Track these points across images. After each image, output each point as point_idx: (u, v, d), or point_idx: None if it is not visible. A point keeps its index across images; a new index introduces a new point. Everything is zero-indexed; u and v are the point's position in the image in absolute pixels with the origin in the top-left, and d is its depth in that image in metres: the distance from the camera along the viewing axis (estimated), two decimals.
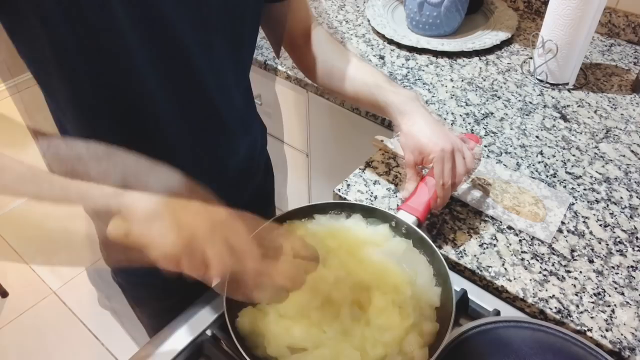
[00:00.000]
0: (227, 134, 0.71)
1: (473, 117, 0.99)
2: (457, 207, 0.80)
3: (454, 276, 0.64)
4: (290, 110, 1.30)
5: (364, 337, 0.56)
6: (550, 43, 1.02)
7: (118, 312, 1.79)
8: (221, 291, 0.58)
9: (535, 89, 1.06)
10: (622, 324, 0.64)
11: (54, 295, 1.91)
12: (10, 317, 1.83)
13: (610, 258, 0.72)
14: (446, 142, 0.66)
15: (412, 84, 1.09)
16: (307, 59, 0.80)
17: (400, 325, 0.56)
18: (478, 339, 0.59)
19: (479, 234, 0.75)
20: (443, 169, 0.66)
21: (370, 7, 1.32)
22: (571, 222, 0.77)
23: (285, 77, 1.19)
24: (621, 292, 0.67)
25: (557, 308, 0.66)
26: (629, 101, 1.03)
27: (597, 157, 0.89)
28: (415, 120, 0.68)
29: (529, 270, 0.70)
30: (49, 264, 2.01)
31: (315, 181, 1.46)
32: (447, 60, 1.16)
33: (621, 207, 0.80)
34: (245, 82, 0.74)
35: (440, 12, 1.17)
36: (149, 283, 0.80)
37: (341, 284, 0.60)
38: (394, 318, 0.57)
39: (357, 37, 1.25)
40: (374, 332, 0.56)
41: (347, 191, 0.83)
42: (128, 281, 0.81)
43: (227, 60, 0.64)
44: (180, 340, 0.64)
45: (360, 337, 0.56)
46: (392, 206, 0.80)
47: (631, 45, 1.20)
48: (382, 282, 0.61)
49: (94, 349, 1.74)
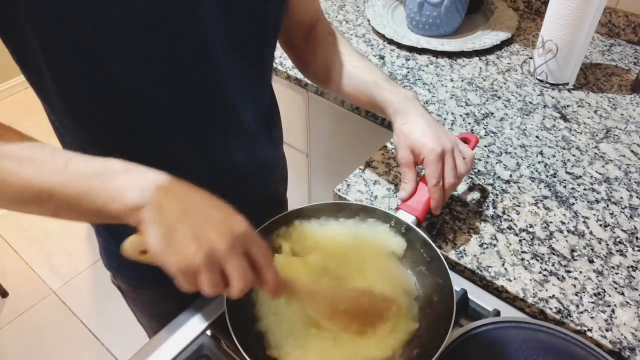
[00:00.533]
0: (246, 138, 0.70)
1: (473, 117, 0.99)
2: (457, 207, 0.80)
3: (454, 276, 0.63)
4: (290, 110, 1.30)
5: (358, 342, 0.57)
6: (550, 43, 1.02)
7: (118, 312, 1.79)
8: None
9: (535, 89, 1.06)
10: (622, 324, 0.64)
11: (54, 295, 1.91)
12: (10, 317, 1.83)
13: (610, 258, 0.72)
14: (439, 143, 0.65)
15: (412, 84, 1.09)
16: (307, 57, 0.79)
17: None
18: (478, 339, 0.59)
19: (479, 234, 0.75)
20: (435, 170, 0.65)
21: (370, 7, 1.32)
22: (571, 222, 0.77)
23: (285, 77, 1.19)
24: (621, 292, 0.67)
25: (557, 308, 0.66)
26: (629, 101, 1.03)
27: (597, 157, 0.89)
28: (411, 119, 0.67)
29: (529, 270, 0.70)
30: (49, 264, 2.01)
31: (315, 181, 1.46)
32: (447, 60, 1.16)
33: (621, 207, 0.80)
34: (268, 90, 0.74)
35: (440, 12, 1.17)
36: (149, 287, 0.79)
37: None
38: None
39: (357, 37, 1.25)
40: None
41: (347, 191, 0.83)
42: (128, 284, 0.80)
43: (248, 63, 0.64)
44: (180, 340, 0.64)
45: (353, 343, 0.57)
46: (392, 206, 0.80)
47: (631, 45, 1.20)
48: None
49: (94, 349, 1.74)
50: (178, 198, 0.45)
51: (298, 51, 0.80)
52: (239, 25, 0.59)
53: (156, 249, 0.44)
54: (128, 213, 0.45)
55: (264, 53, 0.67)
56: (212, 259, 0.43)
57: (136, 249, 0.46)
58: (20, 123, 2.67)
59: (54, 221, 2.17)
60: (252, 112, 0.68)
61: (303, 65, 0.82)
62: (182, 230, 0.43)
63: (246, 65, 0.64)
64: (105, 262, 0.79)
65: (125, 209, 0.44)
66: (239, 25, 0.59)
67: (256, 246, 0.46)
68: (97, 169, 0.46)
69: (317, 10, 0.79)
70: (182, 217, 0.44)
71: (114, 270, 0.79)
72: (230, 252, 0.44)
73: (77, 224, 2.14)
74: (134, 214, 0.44)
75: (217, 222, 0.45)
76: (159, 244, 0.43)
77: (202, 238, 0.43)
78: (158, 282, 0.79)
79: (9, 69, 2.65)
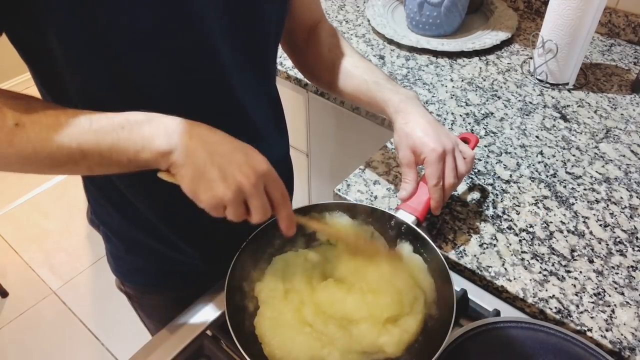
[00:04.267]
0: (254, 139, 0.70)
1: (473, 117, 0.99)
2: (457, 207, 0.80)
3: (454, 276, 0.63)
4: (290, 110, 1.30)
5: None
6: (550, 43, 1.02)
7: (118, 312, 1.79)
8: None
9: (535, 89, 1.06)
10: (622, 324, 0.64)
11: (54, 295, 1.91)
12: (10, 317, 1.83)
13: (610, 258, 0.72)
14: (440, 144, 0.65)
15: (412, 84, 1.09)
16: (308, 59, 0.79)
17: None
18: (478, 339, 0.59)
19: (479, 234, 0.75)
20: (436, 170, 0.65)
21: (370, 7, 1.32)
22: (571, 222, 0.77)
23: (285, 77, 1.19)
24: (621, 292, 0.67)
25: (557, 308, 0.66)
26: (629, 101, 1.03)
27: (597, 157, 0.89)
28: (412, 119, 0.67)
29: (529, 270, 0.70)
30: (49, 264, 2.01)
31: (315, 181, 1.46)
32: (447, 60, 1.16)
33: (621, 207, 0.80)
34: (272, 89, 0.74)
35: (440, 12, 1.17)
36: (157, 292, 0.79)
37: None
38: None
39: (357, 37, 1.25)
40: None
41: (347, 191, 0.83)
42: (136, 290, 0.80)
43: (252, 60, 0.64)
44: (180, 340, 0.64)
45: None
46: (392, 206, 0.80)
47: (631, 45, 1.20)
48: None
49: (94, 349, 1.74)
50: (202, 141, 0.49)
51: (299, 53, 0.80)
52: (241, 24, 0.59)
53: (188, 188, 0.49)
54: (159, 158, 0.48)
55: (266, 52, 0.67)
56: (238, 196, 0.49)
57: (169, 177, 0.51)
58: None
59: (54, 221, 2.17)
60: (259, 107, 0.69)
61: (304, 67, 0.82)
62: (211, 171, 0.48)
63: (250, 62, 0.64)
64: (113, 268, 0.79)
65: (156, 155, 0.48)
66: (241, 24, 0.59)
67: (275, 184, 0.52)
68: (121, 122, 0.48)
69: (319, 12, 0.79)
70: (209, 159, 0.49)
71: (122, 275, 0.79)
72: (253, 190, 0.50)
73: (77, 223, 2.14)
74: (164, 158, 0.48)
75: (240, 162, 0.50)
76: (191, 183, 0.49)
77: (229, 178, 0.49)
78: (166, 286, 0.79)
79: (9, 69, 2.65)
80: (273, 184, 0.52)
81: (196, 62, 0.57)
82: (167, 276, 0.77)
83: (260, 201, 0.51)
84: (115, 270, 0.79)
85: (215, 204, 0.49)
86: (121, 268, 0.77)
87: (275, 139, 0.77)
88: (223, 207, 0.50)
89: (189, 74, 0.57)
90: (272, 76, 0.72)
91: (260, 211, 0.51)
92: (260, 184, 0.50)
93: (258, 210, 0.51)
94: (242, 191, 0.49)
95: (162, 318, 0.80)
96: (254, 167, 0.50)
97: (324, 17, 0.79)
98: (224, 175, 0.49)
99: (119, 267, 0.78)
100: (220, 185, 0.49)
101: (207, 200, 0.49)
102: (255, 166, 0.50)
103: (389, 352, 0.56)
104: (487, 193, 0.82)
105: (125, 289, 0.81)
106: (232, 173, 0.49)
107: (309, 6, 0.76)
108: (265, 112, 0.72)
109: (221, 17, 0.56)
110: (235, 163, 0.50)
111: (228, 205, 0.50)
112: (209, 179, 0.49)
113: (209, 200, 0.49)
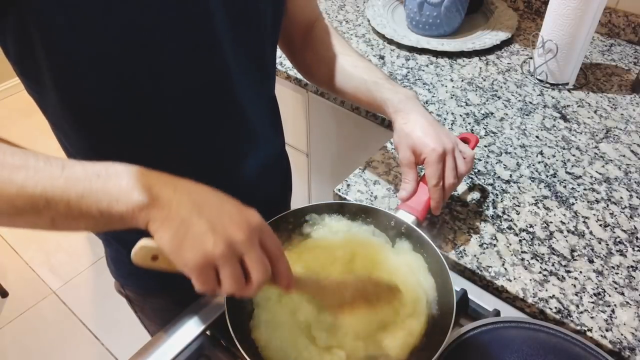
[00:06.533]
0: (251, 137, 0.70)
1: (473, 117, 0.99)
2: (457, 207, 0.80)
3: (454, 276, 0.63)
4: (290, 110, 1.30)
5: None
6: (550, 43, 1.02)
7: (118, 312, 1.79)
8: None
9: (535, 89, 1.06)
10: (622, 324, 0.64)
11: (54, 295, 1.91)
12: (10, 317, 1.83)
13: (610, 258, 0.72)
14: (440, 144, 0.65)
15: (412, 84, 1.09)
16: (305, 59, 0.79)
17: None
18: (478, 339, 0.59)
19: (479, 234, 0.75)
20: (436, 170, 0.65)
21: (370, 7, 1.32)
22: (571, 222, 0.77)
23: (285, 77, 1.20)
24: (621, 292, 0.67)
25: (557, 308, 0.66)
26: (629, 101, 1.03)
27: (597, 157, 0.89)
28: (412, 118, 0.67)
29: (529, 270, 0.70)
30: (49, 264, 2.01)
31: (315, 181, 1.46)
32: (447, 60, 1.16)
33: (621, 207, 0.80)
34: (271, 89, 0.74)
35: (440, 12, 1.17)
36: (159, 295, 0.79)
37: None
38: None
39: (357, 37, 1.25)
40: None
41: (347, 191, 0.83)
42: (137, 293, 0.80)
43: (251, 61, 0.64)
44: (180, 340, 0.64)
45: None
46: (392, 206, 0.80)
47: (631, 45, 1.20)
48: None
49: (94, 349, 1.74)
50: (188, 193, 0.43)
51: (297, 53, 0.80)
52: (241, 24, 0.59)
53: (170, 246, 0.41)
54: (136, 213, 0.41)
55: (265, 51, 0.67)
56: (232, 249, 0.41)
57: (147, 254, 0.43)
58: (21, 123, 2.67)
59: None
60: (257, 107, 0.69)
61: (302, 67, 0.82)
62: (198, 224, 0.41)
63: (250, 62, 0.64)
64: (114, 271, 0.78)
65: (132, 208, 0.41)
66: (241, 24, 0.59)
67: (271, 238, 0.45)
68: (97, 171, 0.42)
69: (315, 11, 0.79)
70: (195, 211, 0.42)
71: (123, 279, 0.78)
72: (249, 242, 0.42)
73: None
74: (141, 213, 0.41)
75: (232, 214, 0.43)
76: (173, 240, 0.41)
77: (219, 230, 0.41)
78: (167, 289, 0.79)
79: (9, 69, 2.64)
80: (269, 237, 0.45)
81: (202, 61, 0.57)
82: (168, 279, 0.77)
83: (257, 255, 0.43)
84: (115, 274, 0.78)
85: (203, 264, 0.41)
86: (122, 272, 0.77)
87: (270, 138, 0.77)
88: (213, 267, 0.41)
89: (193, 74, 0.57)
90: (271, 76, 0.72)
91: (260, 267, 0.43)
92: (254, 236, 0.43)
93: (257, 266, 0.43)
94: (235, 245, 0.42)
95: (163, 320, 0.80)
96: (247, 218, 0.44)
97: (320, 16, 0.79)
98: (213, 228, 0.41)
99: (119, 271, 0.77)
100: (209, 238, 0.41)
101: (193, 259, 0.41)
102: (249, 217, 0.44)
103: (393, 355, 0.56)
104: (487, 193, 0.82)
105: (126, 293, 0.80)
106: (223, 225, 0.42)
107: (305, 5, 0.76)
108: (263, 111, 0.72)
109: (224, 16, 0.56)
110: (226, 214, 0.43)
111: (220, 263, 0.41)
112: (196, 232, 0.41)
113: (195, 260, 0.41)
